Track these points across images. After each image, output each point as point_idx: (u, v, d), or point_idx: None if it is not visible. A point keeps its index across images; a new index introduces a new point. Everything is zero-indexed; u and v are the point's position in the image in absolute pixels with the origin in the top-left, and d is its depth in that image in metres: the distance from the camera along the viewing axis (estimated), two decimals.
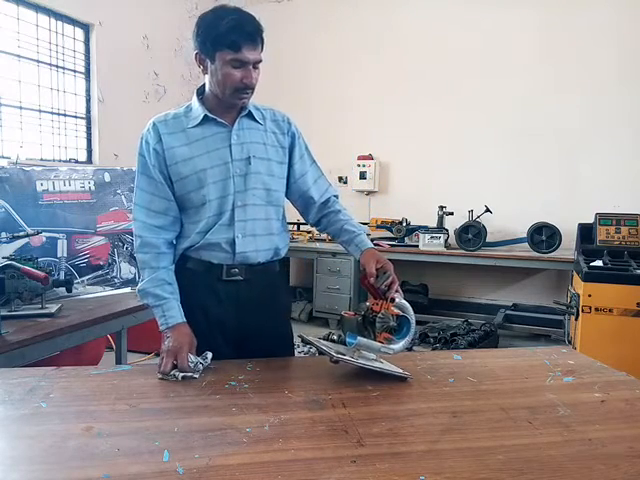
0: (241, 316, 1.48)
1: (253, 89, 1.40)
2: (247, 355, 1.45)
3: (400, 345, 1.32)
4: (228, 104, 1.42)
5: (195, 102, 1.45)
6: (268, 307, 1.51)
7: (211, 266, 1.45)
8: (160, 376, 1.30)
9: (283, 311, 1.61)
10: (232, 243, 1.43)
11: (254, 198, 1.45)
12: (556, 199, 4.65)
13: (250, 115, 1.47)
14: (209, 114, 1.42)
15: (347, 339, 1.30)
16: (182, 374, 1.29)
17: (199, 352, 1.37)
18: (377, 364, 1.32)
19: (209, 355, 1.37)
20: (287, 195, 1.59)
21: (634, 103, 4.43)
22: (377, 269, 1.36)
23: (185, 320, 1.41)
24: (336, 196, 1.62)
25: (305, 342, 1.42)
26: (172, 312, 1.40)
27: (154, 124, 1.44)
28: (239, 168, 1.43)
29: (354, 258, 1.50)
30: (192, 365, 1.32)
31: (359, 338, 1.28)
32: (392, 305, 1.33)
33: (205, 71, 1.41)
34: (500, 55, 4.78)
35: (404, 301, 1.35)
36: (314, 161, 1.60)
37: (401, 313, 1.34)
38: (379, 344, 1.30)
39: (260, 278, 1.49)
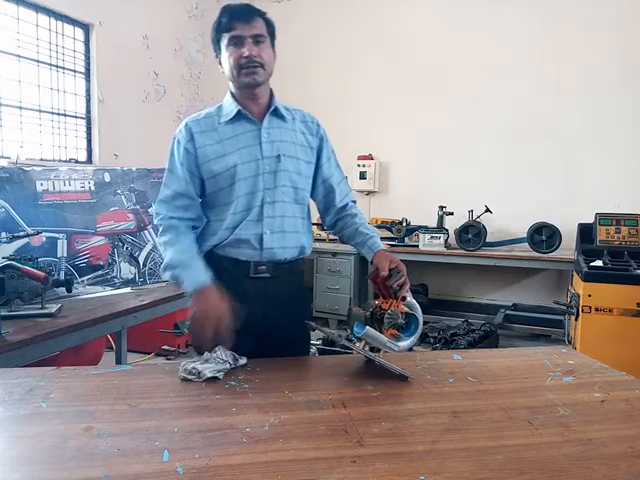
0: (267, 311, 1.50)
1: (262, 65, 1.43)
2: (268, 350, 1.46)
3: (407, 343, 1.34)
4: (246, 90, 1.46)
5: (228, 99, 1.50)
6: (293, 303, 1.55)
7: (239, 263, 1.47)
8: (182, 376, 1.25)
9: (305, 309, 1.66)
10: (260, 239, 1.45)
11: (283, 195, 1.48)
12: (556, 199, 4.65)
13: (279, 114, 1.51)
14: (242, 110, 1.46)
15: (355, 328, 1.32)
16: (209, 374, 1.23)
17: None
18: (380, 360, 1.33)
19: (243, 360, 1.33)
20: (311, 195, 1.62)
21: (634, 103, 4.42)
22: (391, 269, 1.39)
23: (212, 283, 1.37)
24: (354, 201, 1.68)
25: (311, 328, 1.43)
26: (198, 272, 1.37)
27: (186, 124, 1.49)
28: (269, 165, 1.46)
29: (353, 258, 1.53)
30: (222, 361, 1.28)
31: (367, 328, 1.30)
32: (402, 303, 1.35)
33: (223, 69, 1.47)
34: (501, 55, 4.78)
35: (414, 301, 1.38)
36: (338, 165, 1.65)
37: (410, 311, 1.36)
38: (386, 338, 1.31)
39: (286, 275, 1.52)
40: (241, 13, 1.41)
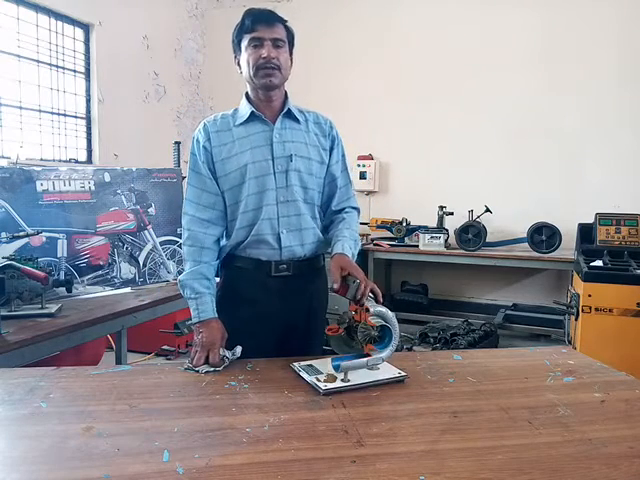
0: (288, 306, 1.52)
1: (279, 68, 1.47)
2: (289, 347, 1.50)
3: (383, 355, 1.27)
4: (261, 91, 1.50)
5: (243, 102, 1.55)
6: (314, 300, 1.58)
7: (260, 263, 1.50)
8: (186, 366, 1.36)
9: (323, 305, 1.66)
10: (278, 238, 1.49)
11: (295, 194, 1.50)
12: (556, 199, 4.65)
13: (292, 115, 1.54)
14: (255, 111, 1.50)
15: (332, 364, 1.24)
16: (206, 369, 1.34)
17: (243, 344, 1.42)
18: (371, 375, 1.28)
19: (238, 349, 1.41)
20: None
21: (634, 103, 4.42)
22: (345, 277, 1.33)
23: (217, 316, 1.45)
24: (355, 208, 1.66)
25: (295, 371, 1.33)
26: (205, 307, 1.45)
27: (204, 124, 1.53)
28: (280, 165, 1.49)
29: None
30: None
31: (343, 363, 1.22)
32: (369, 315, 1.26)
33: (241, 70, 1.52)
34: (500, 55, 4.78)
35: (380, 308, 1.29)
36: (345, 169, 1.66)
37: (380, 323, 1.26)
38: (365, 359, 1.25)
39: (306, 271, 1.55)
40: (264, 17, 1.46)
